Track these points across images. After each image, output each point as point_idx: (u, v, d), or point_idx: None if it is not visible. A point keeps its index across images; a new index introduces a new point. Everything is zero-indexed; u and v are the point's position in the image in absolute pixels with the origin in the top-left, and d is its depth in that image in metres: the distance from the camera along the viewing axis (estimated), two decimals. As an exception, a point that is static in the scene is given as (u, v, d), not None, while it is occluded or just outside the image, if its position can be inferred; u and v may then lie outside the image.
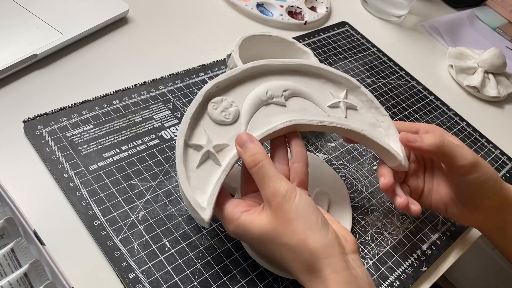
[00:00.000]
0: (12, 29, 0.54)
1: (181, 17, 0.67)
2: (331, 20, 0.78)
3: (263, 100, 0.42)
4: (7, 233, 0.37)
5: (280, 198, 0.35)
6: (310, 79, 0.45)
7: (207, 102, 0.41)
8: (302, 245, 0.34)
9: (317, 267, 0.33)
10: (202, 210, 0.37)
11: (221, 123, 0.40)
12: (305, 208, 0.35)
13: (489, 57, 0.73)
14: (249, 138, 0.39)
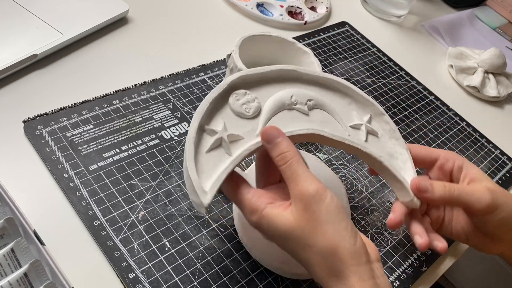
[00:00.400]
0: (12, 29, 0.54)
1: (181, 17, 0.67)
2: (331, 20, 0.78)
3: (286, 104, 0.41)
4: (7, 233, 0.37)
5: (310, 198, 0.34)
6: (336, 96, 0.44)
7: (229, 92, 0.40)
8: (331, 250, 0.33)
9: (343, 274, 0.33)
10: (204, 194, 0.36)
11: (240, 115, 0.39)
12: (335, 212, 0.34)
13: (489, 57, 0.73)
14: (279, 133, 0.37)
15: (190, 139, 0.37)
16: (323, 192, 0.34)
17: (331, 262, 0.33)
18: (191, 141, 0.37)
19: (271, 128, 0.37)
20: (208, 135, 0.38)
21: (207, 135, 0.38)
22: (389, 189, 0.54)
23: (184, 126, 0.52)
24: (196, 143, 0.37)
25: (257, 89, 0.41)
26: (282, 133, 0.37)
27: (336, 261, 0.33)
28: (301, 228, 0.34)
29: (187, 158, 0.36)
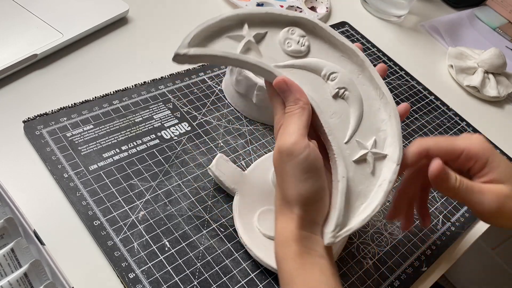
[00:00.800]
0: (12, 29, 0.54)
1: (181, 17, 0.67)
2: (331, 20, 0.78)
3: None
4: (7, 233, 0.37)
5: (283, 152, 0.35)
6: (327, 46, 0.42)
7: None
8: (286, 205, 0.36)
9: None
10: (184, 48, 0.37)
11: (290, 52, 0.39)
12: (300, 172, 0.35)
13: (489, 57, 0.73)
14: (289, 86, 0.37)
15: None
16: (297, 149, 0.34)
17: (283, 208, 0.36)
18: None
19: (280, 82, 0.37)
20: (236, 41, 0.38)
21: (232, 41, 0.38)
22: (389, 189, 0.54)
23: (184, 126, 0.52)
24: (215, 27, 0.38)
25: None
26: (289, 83, 0.37)
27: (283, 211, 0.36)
28: (275, 169, 0.36)
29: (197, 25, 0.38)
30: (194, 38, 0.37)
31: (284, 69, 0.39)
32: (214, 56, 0.37)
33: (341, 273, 0.45)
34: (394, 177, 0.38)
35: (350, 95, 0.39)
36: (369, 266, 0.46)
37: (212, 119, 0.54)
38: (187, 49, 0.37)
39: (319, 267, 0.34)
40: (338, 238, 0.36)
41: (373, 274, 0.46)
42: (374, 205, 0.37)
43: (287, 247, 0.34)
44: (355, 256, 0.47)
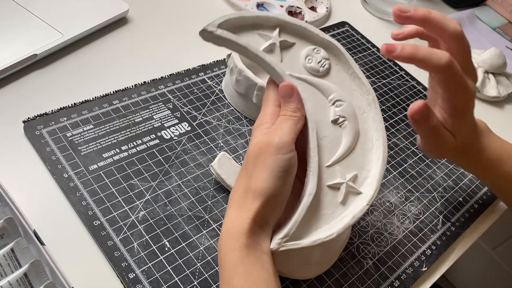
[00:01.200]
0: (12, 29, 0.54)
1: (181, 17, 0.67)
2: (331, 20, 0.78)
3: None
4: (7, 233, 0.37)
5: (264, 146, 0.36)
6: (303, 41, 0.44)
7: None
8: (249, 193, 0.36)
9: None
10: (213, 26, 0.37)
11: (310, 70, 0.41)
12: (273, 170, 0.36)
13: (489, 57, 0.73)
14: (292, 92, 0.38)
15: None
16: (286, 148, 0.36)
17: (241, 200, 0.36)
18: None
19: (288, 86, 0.38)
20: (262, 38, 0.40)
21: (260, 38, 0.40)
22: (389, 189, 0.54)
23: (184, 126, 0.52)
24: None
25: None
26: (295, 92, 0.38)
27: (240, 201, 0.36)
28: (247, 159, 0.37)
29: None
30: (226, 22, 0.38)
31: (296, 80, 0.40)
32: (236, 44, 0.38)
33: (341, 273, 0.45)
34: (359, 215, 0.39)
35: (348, 126, 0.41)
36: (369, 266, 0.46)
37: (212, 119, 0.54)
38: (215, 28, 0.38)
39: (262, 263, 0.35)
40: (283, 247, 0.36)
41: (373, 274, 0.46)
42: (330, 232, 0.37)
43: (236, 238, 0.35)
44: (355, 256, 0.47)
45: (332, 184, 0.39)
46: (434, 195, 0.55)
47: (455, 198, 0.56)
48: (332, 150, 0.40)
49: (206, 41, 0.38)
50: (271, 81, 0.40)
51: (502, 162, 0.49)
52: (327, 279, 0.44)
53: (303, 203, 0.37)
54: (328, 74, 0.42)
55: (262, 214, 0.35)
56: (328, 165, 0.39)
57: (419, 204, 0.54)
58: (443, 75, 0.40)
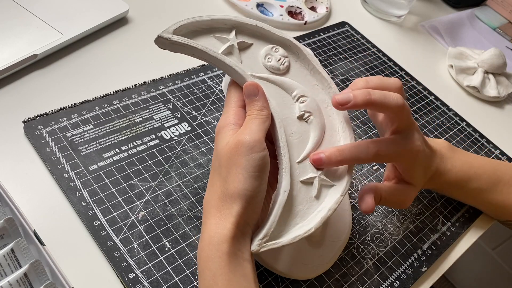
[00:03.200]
0: (12, 29, 0.54)
1: (181, 17, 0.67)
2: (331, 20, 0.78)
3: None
4: (7, 233, 0.37)
5: (238, 147, 0.36)
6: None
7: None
8: (228, 196, 0.36)
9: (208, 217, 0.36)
10: (167, 33, 0.38)
11: (271, 68, 0.41)
12: (244, 168, 0.35)
13: (489, 57, 0.73)
14: (258, 91, 0.39)
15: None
16: (258, 146, 0.35)
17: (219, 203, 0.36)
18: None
19: (252, 85, 0.39)
20: (219, 41, 0.40)
21: (218, 41, 0.40)
22: (389, 189, 0.54)
23: (184, 126, 0.52)
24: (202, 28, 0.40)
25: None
26: (261, 91, 0.39)
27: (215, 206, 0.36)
28: (218, 162, 0.37)
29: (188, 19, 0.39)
30: (181, 28, 0.38)
31: (258, 80, 0.40)
32: (194, 49, 0.39)
33: (341, 273, 0.45)
34: (335, 206, 0.39)
35: (314, 121, 0.41)
36: (369, 267, 0.46)
37: (212, 119, 0.54)
38: (171, 34, 0.38)
39: (242, 271, 0.34)
40: (264, 248, 0.36)
41: (373, 274, 0.46)
42: (308, 228, 0.37)
43: (218, 244, 0.34)
44: (355, 256, 0.47)
45: (305, 180, 0.39)
46: (434, 195, 0.55)
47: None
48: (301, 145, 0.40)
49: (162, 48, 0.38)
50: (232, 82, 0.40)
51: (470, 180, 0.50)
52: (327, 279, 0.44)
53: (278, 201, 0.37)
54: (289, 72, 0.42)
55: (244, 217, 0.35)
56: (298, 161, 0.39)
57: (419, 204, 0.54)
58: (399, 117, 0.41)
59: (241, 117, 0.38)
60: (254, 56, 0.41)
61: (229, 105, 0.39)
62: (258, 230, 0.37)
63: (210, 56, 0.39)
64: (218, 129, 0.38)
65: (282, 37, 0.42)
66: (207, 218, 0.36)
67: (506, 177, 0.51)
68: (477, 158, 0.52)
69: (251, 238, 0.37)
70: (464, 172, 0.49)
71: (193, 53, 0.39)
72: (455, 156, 0.50)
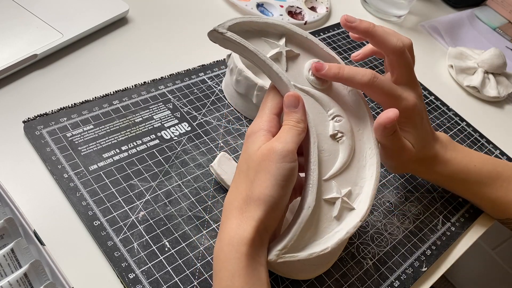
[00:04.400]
0: (12, 29, 0.54)
1: (181, 17, 0.67)
2: (331, 20, 0.78)
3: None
4: (7, 233, 0.37)
5: (270, 154, 0.36)
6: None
7: None
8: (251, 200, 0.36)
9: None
10: (222, 27, 0.38)
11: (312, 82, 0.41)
12: (271, 176, 0.36)
13: (489, 57, 0.73)
14: (298, 103, 0.38)
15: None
16: (291, 156, 0.36)
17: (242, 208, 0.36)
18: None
19: (294, 96, 0.38)
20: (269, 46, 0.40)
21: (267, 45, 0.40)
22: (389, 189, 0.54)
23: (184, 126, 0.52)
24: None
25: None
26: (301, 103, 0.38)
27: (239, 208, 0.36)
28: (246, 164, 0.37)
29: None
30: (235, 25, 0.38)
31: (300, 91, 0.40)
32: (245, 48, 0.38)
33: (341, 273, 0.45)
34: (353, 231, 0.39)
35: (345, 142, 0.41)
36: (369, 267, 0.46)
37: (212, 119, 0.54)
38: (226, 30, 0.38)
39: (258, 275, 0.34)
40: (281, 259, 0.36)
41: (373, 275, 0.46)
42: (325, 246, 0.38)
43: (238, 246, 0.34)
44: (355, 256, 0.47)
45: (328, 198, 0.39)
46: (434, 195, 0.55)
47: (455, 198, 0.56)
48: (329, 164, 0.40)
49: (213, 41, 0.38)
50: (272, 88, 0.40)
51: (470, 173, 0.50)
52: (327, 279, 0.44)
53: (302, 216, 0.37)
54: (330, 89, 0.42)
55: (264, 223, 0.35)
56: (325, 179, 0.39)
57: (419, 204, 0.54)
58: (369, 92, 0.42)
59: (274, 124, 0.38)
60: (299, 67, 0.41)
61: (264, 110, 0.39)
62: (277, 240, 0.37)
63: (258, 58, 0.39)
64: (250, 133, 0.38)
65: (329, 53, 0.42)
66: (228, 218, 0.36)
67: (506, 173, 0.51)
68: (477, 154, 0.52)
69: (267, 245, 0.37)
70: (464, 165, 0.49)
71: (242, 52, 0.39)
72: (456, 149, 0.50)
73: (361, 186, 0.41)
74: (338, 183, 0.40)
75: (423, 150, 0.47)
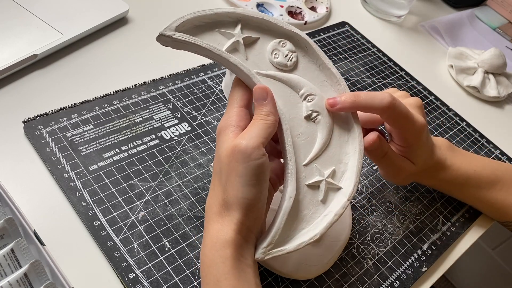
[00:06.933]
0: (12, 29, 0.54)
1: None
2: (331, 20, 0.78)
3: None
4: (7, 233, 0.37)
5: (237, 152, 0.35)
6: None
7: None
8: (223, 201, 0.36)
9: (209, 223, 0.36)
10: (169, 30, 0.37)
11: (277, 65, 0.39)
12: (241, 175, 0.35)
13: (489, 57, 0.73)
14: (267, 96, 0.37)
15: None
16: (255, 153, 0.34)
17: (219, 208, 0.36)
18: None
19: (262, 89, 0.37)
20: (224, 37, 0.38)
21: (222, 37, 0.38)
22: (389, 189, 0.54)
23: (184, 126, 0.52)
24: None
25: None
26: (270, 95, 0.37)
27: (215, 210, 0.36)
28: (219, 165, 0.36)
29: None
30: (183, 24, 0.37)
31: (264, 78, 0.38)
32: (198, 46, 0.37)
33: (341, 273, 0.45)
34: (342, 211, 0.38)
35: (322, 121, 0.39)
36: (369, 267, 0.46)
37: (212, 119, 0.54)
38: (173, 32, 0.36)
39: (245, 277, 0.34)
40: (269, 255, 0.35)
41: (373, 275, 0.46)
42: (314, 233, 0.37)
43: (221, 250, 0.34)
44: (355, 256, 0.47)
45: (311, 183, 0.38)
46: (434, 195, 0.55)
47: (455, 198, 0.56)
48: (308, 147, 0.38)
49: (164, 46, 0.37)
50: (236, 80, 0.39)
51: (469, 179, 0.50)
52: (327, 279, 0.44)
53: (283, 208, 0.36)
54: (296, 68, 0.40)
55: (246, 224, 0.35)
56: (305, 164, 0.38)
57: (419, 204, 0.54)
58: (388, 115, 0.41)
59: (243, 118, 0.37)
60: (261, 51, 0.39)
61: (231, 104, 0.38)
62: (263, 237, 0.36)
63: (214, 54, 0.37)
64: (219, 130, 0.37)
65: (290, 30, 0.40)
66: (209, 223, 0.36)
67: (505, 177, 0.51)
68: (477, 158, 0.52)
69: (255, 244, 0.36)
70: (464, 171, 0.50)
71: (197, 50, 0.37)
72: (455, 154, 0.50)
73: (345, 163, 0.39)
74: (320, 164, 0.38)
75: (425, 163, 0.47)
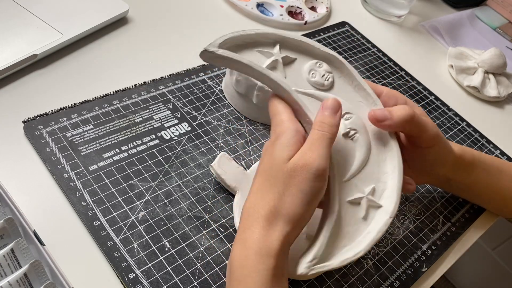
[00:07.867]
0: (12, 29, 0.54)
1: (181, 17, 0.67)
2: (331, 20, 0.78)
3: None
4: (7, 233, 0.37)
5: (299, 168, 0.35)
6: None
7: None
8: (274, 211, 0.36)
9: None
10: (213, 46, 0.37)
11: (315, 84, 0.40)
12: (300, 190, 0.35)
13: (489, 57, 0.73)
14: (339, 109, 0.38)
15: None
16: (325, 176, 0.35)
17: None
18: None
19: (337, 101, 0.38)
20: (264, 55, 0.40)
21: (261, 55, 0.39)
22: (389, 189, 0.54)
23: (184, 126, 0.52)
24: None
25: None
26: (341, 110, 0.38)
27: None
28: (274, 173, 0.36)
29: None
30: (226, 41, 0.38)
31: (303, 95, 0.39)
32: (239, 63, 0.38)
33: (341, 273, 0.45)
34: (385, 229, 0.38)
35: (360, 139, 0.40)
36: (369, 267, 0.46)
37: (212, 119, 0.54)
38: (216, 48, 0.37)
39: (282, 286, 0.34)
40: (313, 271, 0.36)
41: (373, 275, 0.46)
42: (358, 250, 0.37)
43: (266, 257, 0.34)
44: (355, 257, 0.47)
45: (352, 200, 0.38)
46: (434, 195, 0.55)
47: (455, 198, 0.56)
48: (347, 164, 0.39)
49: (206, 62, 0.38)
50: (273, 97, 0.39)
51: (474, 165, 0.49)
52: (327, 279, 0.44)
53: (327, 223, 0.36)
54: (333, 88, 0.41)
55: (291, 238, 0.35)
56: (345, 180, 0.38)
57: (419, 204, 0.54)
58: (410, 125, 0.41)
59: (296, 121, 0.37)
60: (298, 71, 0.40)
61: (279, 114, 0.38)
62: (306, 251, 0.37)
63: (254, 70, 0.38)
64: (279, 133, 0.37)
65: (326, 52, 0.42)
66: (254, 226, 0.35)
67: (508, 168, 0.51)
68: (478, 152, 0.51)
69: (288, 257, 0.36)
70: (468, 158, 0.48)
71: (238, 67, 0.39)
72: (455, 147, 0.49)
73: (384, 182, 0.40)
74: (360, 182, 0.39)
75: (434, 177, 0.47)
